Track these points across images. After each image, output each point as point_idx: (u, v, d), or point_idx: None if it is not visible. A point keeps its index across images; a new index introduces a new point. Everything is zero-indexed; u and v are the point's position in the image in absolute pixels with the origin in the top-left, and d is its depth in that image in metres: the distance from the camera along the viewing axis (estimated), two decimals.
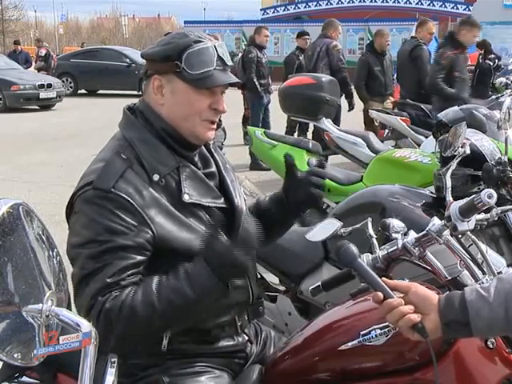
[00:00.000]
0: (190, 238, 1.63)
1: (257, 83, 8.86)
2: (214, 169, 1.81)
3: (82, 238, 1.57)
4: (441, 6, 26.46)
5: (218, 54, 1.67)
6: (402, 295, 1.40)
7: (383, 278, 1.44)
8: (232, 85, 1.72)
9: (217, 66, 1.67)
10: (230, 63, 1.71)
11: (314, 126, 5.64)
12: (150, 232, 1.58)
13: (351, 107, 7.82)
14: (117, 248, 1.54)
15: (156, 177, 1.64)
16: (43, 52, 21.53)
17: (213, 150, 1.86)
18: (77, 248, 1.57)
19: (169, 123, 1.70)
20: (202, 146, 1.81)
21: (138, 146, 1.67)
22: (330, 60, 7.52)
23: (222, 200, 1.76)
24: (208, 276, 1.49)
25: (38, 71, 20.04)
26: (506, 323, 1.35)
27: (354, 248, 1.49)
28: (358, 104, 8.22)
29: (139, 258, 1.57)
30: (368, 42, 9.80)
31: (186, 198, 1.66)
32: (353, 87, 8.10)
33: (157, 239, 1.59)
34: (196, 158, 1.77)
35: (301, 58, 9.04)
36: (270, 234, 1.89)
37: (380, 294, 1.39)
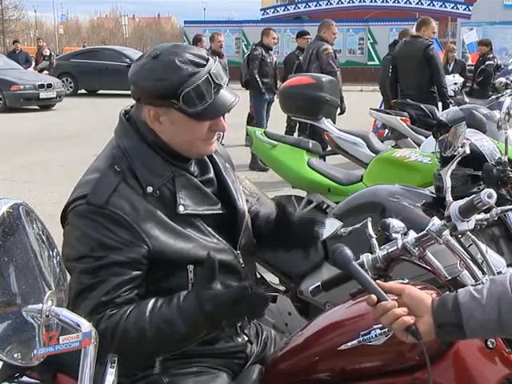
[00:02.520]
0: (187, 247, 1.63)
1: (258, 80, 8.90)
2: (211, 174, 1.79)
3: (76, 251, 1.57)
4: (441, 6, 26.46)
5: (214, 82, 1.60)
6: (396, 297, 1.40)
7: (377, 281, 1.44)
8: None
9: (215, 93, 1.61)
10: (226, 80, 1.65)
11: (312, 125, 5.61)
12: (145, 247, 1.58)
13: (342, 111, 7.78)
14: (111, 264, 1.54)
15: (150, 189, 1.62)
16: (48, 51, 21.52)
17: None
18: (71, 261, 1.56)
19: (167, 144, 1.67)
20: None
21: (131, 156, 1.65)
22: (320, 63, 7.53)
23: (219, 206, 1.75)
24: (198, 314, 1.49)
25: (42, 71, 19.99)
26: (498, 325, 1.34)
27: (348, 251, 1.49)
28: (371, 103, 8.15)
29: (134, 273, 1.57)
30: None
31: (181, 209, 1.64)
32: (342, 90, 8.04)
33: (152, 253, 1.58)
34: (192, 166, 1.74)
35: (300, 57, 9.05)
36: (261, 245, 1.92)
37: (374, 297, 1.39)
